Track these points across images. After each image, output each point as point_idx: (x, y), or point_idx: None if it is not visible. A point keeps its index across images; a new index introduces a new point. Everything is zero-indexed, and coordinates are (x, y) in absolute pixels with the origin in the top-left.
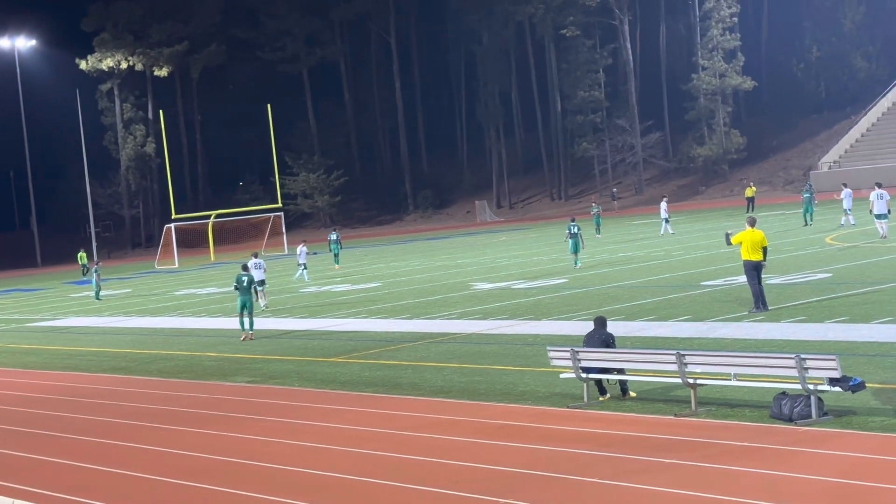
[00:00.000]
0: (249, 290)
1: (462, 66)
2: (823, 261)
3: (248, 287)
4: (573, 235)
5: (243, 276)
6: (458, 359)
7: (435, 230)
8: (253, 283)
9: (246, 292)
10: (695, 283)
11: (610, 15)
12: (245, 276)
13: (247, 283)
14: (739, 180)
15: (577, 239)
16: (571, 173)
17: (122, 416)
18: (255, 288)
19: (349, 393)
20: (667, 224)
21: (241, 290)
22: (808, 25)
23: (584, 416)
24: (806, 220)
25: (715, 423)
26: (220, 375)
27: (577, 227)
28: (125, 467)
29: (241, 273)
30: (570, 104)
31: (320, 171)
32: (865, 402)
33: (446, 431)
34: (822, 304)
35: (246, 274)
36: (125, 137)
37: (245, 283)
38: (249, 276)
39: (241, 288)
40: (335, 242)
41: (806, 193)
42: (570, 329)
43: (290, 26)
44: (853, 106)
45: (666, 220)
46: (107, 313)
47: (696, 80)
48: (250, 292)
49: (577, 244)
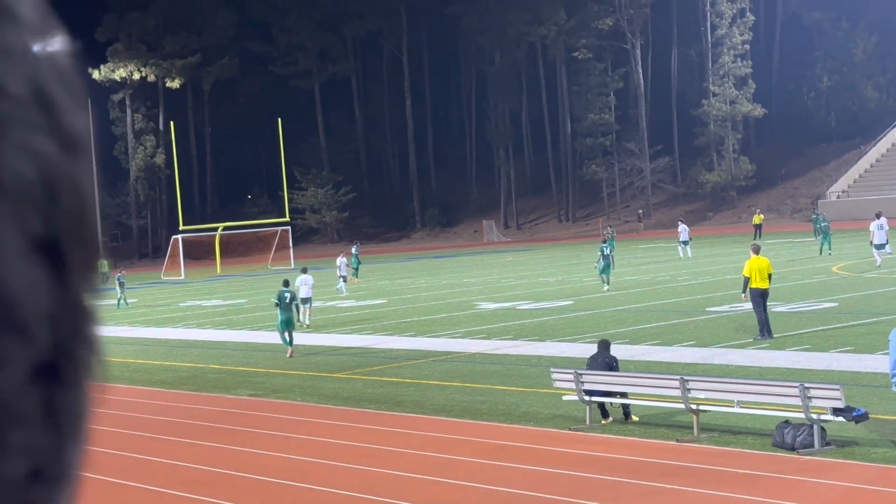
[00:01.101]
0: (291, 306)
1: (473, 86)
2: (830, 290)
3: (289, 304)
4: (605, 256)
5: (285, 292)
6: (462, 378)
7: (442, 248)
8: (295, 300)
9: (287, 309)
10: (700, 309)
11: (622, 39)
12: (287, 292)
13: (289, 299)
14: (747, 207)
15: (610, 260)
16: (580, 195)
17: (123, 426)
18: (296, 305)
19: (351, 409)
20: (685, 246)
21: (282, 306)
22: (819, 54)
23: (586, 438)
24: (822, 250)
25: (717, 449)
26: (222, 388)
27: (609, 248)
28: (124, 478)
29: (283, 289)
30: (579, 126)
31: (329, 186)
32: (868, 433)
33: (447, 451)
34: (828, 333)
35: (287, 290)
36: (135, 148)
37: (287, 300)
38: (291, 293)
39: (281, 305)
40: (355, 256)
41: (823, 223)
42: (573, 351)
43: (302, 41)
44: (863, 136)
45: (685, 242)
46: (111, 323)
47: (707, 106)
48: (291, 309)
49: (608, 265)
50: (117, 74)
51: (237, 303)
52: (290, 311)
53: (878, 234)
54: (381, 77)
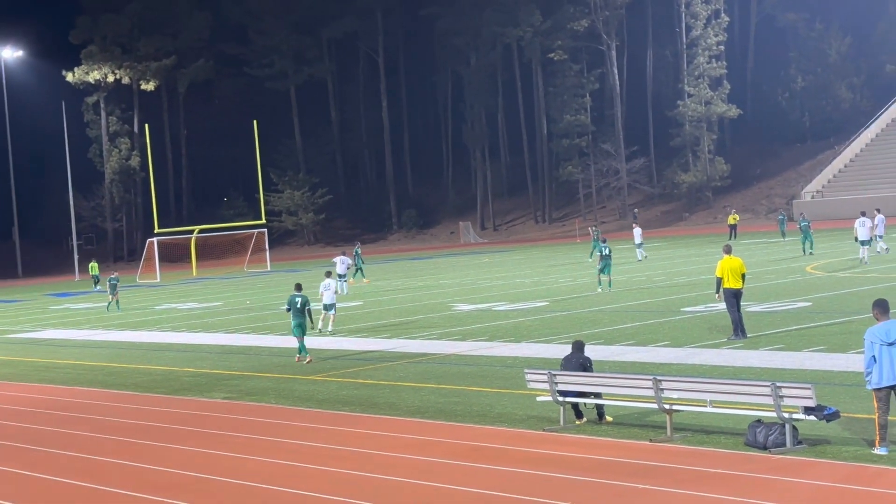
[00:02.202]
0: (303, 312)
1: (449, 88)
2: (804, 290)
3: (301, 309)
4: (605, 257)
5: (296, 296)
6: (436, 379)
7: (418, 250)
8: (307, 305)
9: (299, 315)
10: (675, 309)
11: (598, 40)
12: (298, 296)
13: (300, 304)
14: (723, 207)
15: (609, 260)
16: (556, 196)
17: (96, 429)
18: (308, 310)
19: (326, 411)
20: (640, 249)
21: (294, 312)
22: (793, 55)
23: (560, 439)
24: (805, 249)
25: (690, 449)
26: (196, 391)
27: (608, 248)
28: (97, 481)
29: (294, 294)
30: (556, 128)
31: (305, 188)
32: (839, 432)
33: (422, 452)
34: (801, 332)
35: (299, 295)
36: (110, 150)
37: (298, 305)
38: (303, 297)
39: (293, 310)
40: (358, 256)
41: (804, 223)
42: (548, 352)
43: (278, 43)
44: (837, 136)
45: (639, 245)
46: (86, 326)
47: (682, 107)
48: (303, 314)
49: (608, 265)
50: (91, 77)
51: (212, 306)
52: (303, 316)
53: (861, 230)
54: (357, 79)
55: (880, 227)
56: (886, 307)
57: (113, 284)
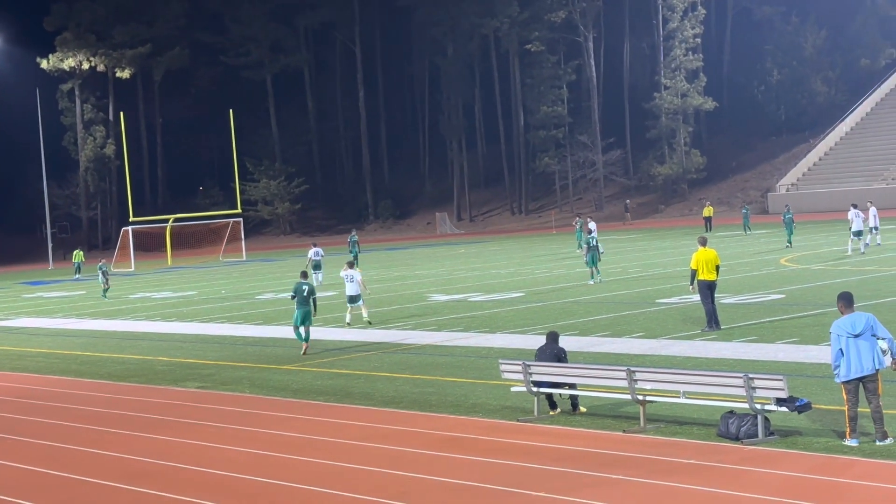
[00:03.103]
0: (308, 300)
1: (426, 78)
2: (778, 282)
3: (306, 297)
4: (592, 248)
5: (302, 284)
6: (411, 369)
7: (394, 241)
8: (312, 294)
9: (304, 303)
10: (650, 301)
11: (575, 32)
12: (305, 284)
13: (306, 293)
14: (698, 199)
15: (596, 252)
16: (532, 188)
17: (68, 418)
18: (313, 299)
19: (300, 401)
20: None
21: (299, 300)
22: (769, 49)
23: (534, 429)
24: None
25: (663, 440)
26: (170, 380)
27: (595, 240)
28: (68, 470)
29: (300, 281)
30: (532, 119)
31: (281, 178)
32: (811, 423)
33: (396, 442)
34: (774, 324)
35: (305, 283)
36: (85, 138)
37: (304, 293)
38: (310, 286)
39: (298, 298)
40: (356, 243)
41: (787, 215)
42: (523, 343)
43: (254, 32)
44: (812, 130)
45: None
46: (59, 315)
47: (659, 99)
48: (309, 303)
49: (595, 257)
50: (66, 64)
51: (187, 295)
52: (308, 304)
53: (857, 221)
54: (334, 69)
55: (874, 220)
56: (851, 300)
57: (104, 271)
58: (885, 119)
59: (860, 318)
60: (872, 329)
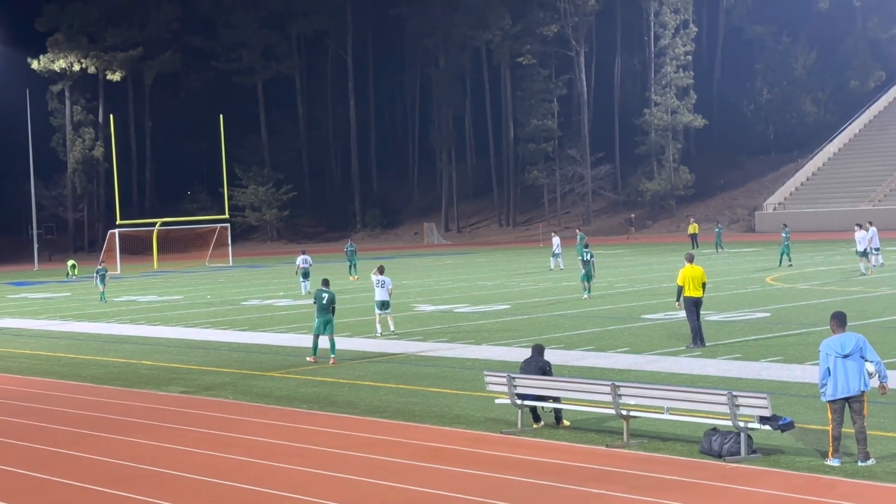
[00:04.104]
0: (329, 308)
1: (417, 88)
2: (763, 300)
3: (326, 305)
4: (586, 263)
5: (323, 292)
6: (396, 379)
7: (382, 250)
8: (333, 303)
9: (324, 311)
10: (635, 316)
11: (567, 46)
12: (325, 292)
13: (326, 301)
14: (686, 216)
15: (590, 267)
16: (521, 200)
17: (50, 420)
18: (334, 308)
19: (284, 408)
20: (557, 258)
21: (319, 308)
22: (760, 68)
23: (517, 442)
24: (782, 261)
25: (645, 455)
26: (154, 384)
27: (590, 254)
28: (48, 472)
29: (321, 289)
30: (522, 132)
31: (269, 184)
32: (793, 442)
33: (379, 451)
34: (759, 342)
35: (326, 290)
36: (73, 140)
37: (324, 301)
38: (331, 293)
39: (318, 307)
40: (354, 252)
41: (784, 233)
42: (508, 355)
43: (247, 38)
44: (800, 150)
45: (557, 254)
46: (43, 316)
47: (648, 115)
48: (330, 311)
49: (589, 272)
50: (57, 65)
51: (173, 299)
52: (329, 313)
53: (863, 241)
54: (325, 77)
55: (875, 240)
56: (843, 320)
57: (102, 275)
58: (874, 141)
59: (850, 339)
60: (861, 350)
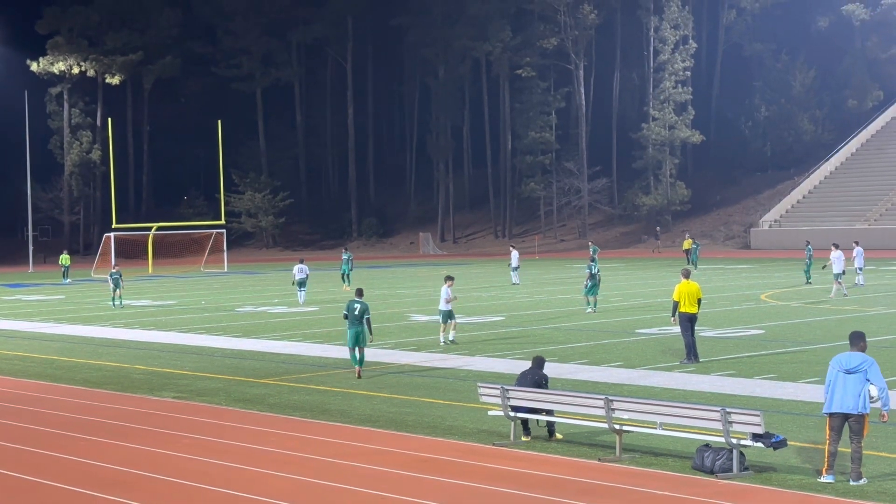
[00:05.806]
0: (361, 320)
1: (416, 98)
2: (757, 317)
3: (359, 317)
4: (593, 276)
5: (355, 303)
6: (389, 389)
7: (377, 259)
8: (365, 314)
9: (356, 323)
10: (630, 331)
11: (566, 59)
12: (357, 303)
13: (357, 312)
14: (681, 232)
15: (597, 281)
16: (517, 212)
17: (41, 423)
18: (367, 319)
19: (276, 416)
20: (515, 272)
21: (351, 319)
22: (758, 85)
23: (510, 454)
24: (808, 278)
25: (638, 470)
26: (146, 389)
27: (597, 268)
28: (39, 475)
29: (353, 300)
30: (520, 144)
31: (266, 191)
32: (786, 460)
33: (371, 461)
34: (753, 359)
35: (358, 301)
36: (71, 142)
37: (356, 313)
38: (362, 305)
39: (350, 318)
40: (347, 262)
41: (807, 250)
42: (502, 367)
43: (247, 45)
44: (797, 167)
45: (515, 268)
46: (37, 318)
47: (646, 130)
48: (362, 323)
49: (595, 287)
50: (56, 68)
51: (167, 304)
52: (361, 324)
53: (837, 263)
54: (325, 85)
55: (859, 260)
56: (856, 338)
57: (116, 279)
58: (871, 160)
59: (857, 357)
60: (867, 372)
